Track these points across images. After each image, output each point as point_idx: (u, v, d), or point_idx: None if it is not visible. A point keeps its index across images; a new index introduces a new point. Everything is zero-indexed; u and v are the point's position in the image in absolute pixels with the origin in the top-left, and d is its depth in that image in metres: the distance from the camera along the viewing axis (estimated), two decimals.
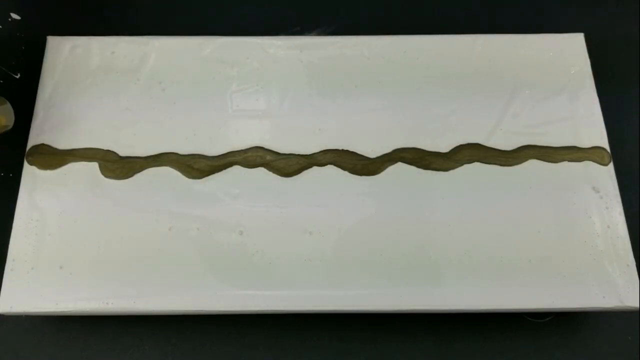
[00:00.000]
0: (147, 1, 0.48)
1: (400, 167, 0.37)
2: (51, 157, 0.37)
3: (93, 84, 0.39)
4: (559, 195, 0.36)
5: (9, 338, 0.37)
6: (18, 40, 0.45)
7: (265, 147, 0.37)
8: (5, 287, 0.34)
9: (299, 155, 0.37)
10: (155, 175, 0.37)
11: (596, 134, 0.38)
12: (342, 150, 0.37)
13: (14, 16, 0.46)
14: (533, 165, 0.37)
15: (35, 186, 0.36)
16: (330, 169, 0.37)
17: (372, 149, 0.37)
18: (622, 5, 0.49)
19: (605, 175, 0.37)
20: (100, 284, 0.34)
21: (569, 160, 0.37)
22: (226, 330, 0.37)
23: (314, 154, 0.37)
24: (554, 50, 0.41)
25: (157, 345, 0.37)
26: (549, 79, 0.40)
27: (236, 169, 0.37)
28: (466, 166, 0.37)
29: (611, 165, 0.37)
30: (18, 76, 0.44)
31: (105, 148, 0.37)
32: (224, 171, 0.37)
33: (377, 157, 0.37)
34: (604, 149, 0.38)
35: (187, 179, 0.36)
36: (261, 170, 0.37)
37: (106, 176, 0.36)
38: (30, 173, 0.36)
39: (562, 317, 0.38)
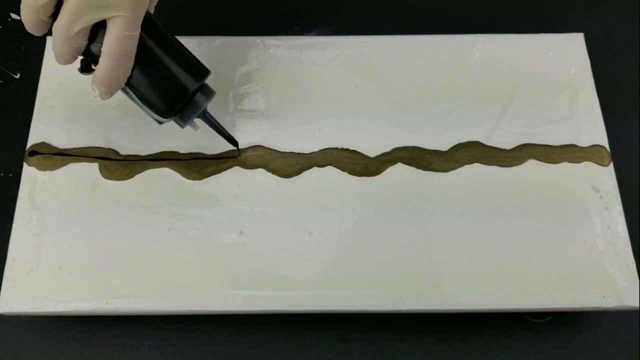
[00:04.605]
0: None
1: (400, 167, 0.37)
2: (51, 157, 0.37)
3: None
4: (558, 195, 0.36)
5: (9, 338, 0.37)
6: (18, 40, 0.45)
7: (265, 146, 0.37)
8: (5, 287, 0.34)
9: (298, 154, 0.37)
10: (155, 176, 0.37)
11: (596, 134, 0.38)
12: (342, 149, 0.37)
13: (14, 16, 0.46)
14: (533, 165, 0.37)
15: (35, 186, 0.36)
16: (330, 170, 0.37)
17: (371, 149, 0.37)
18: (622, 5, 0.49)
19: (605, 175, 0.37)
20: (100, 284, 0.34)
21: (568, 161, 0.37)
22: (226, 330, 0.37)
23: (314, 153, 0.37)
24: (554, 50, 0.41)
25: (157, 345, 0.37)
26: (549, 79, 0.40)
27: (236, 169, 0.37)
28: (466, 167, 0.37)
29: (611, 166, 0.37)
30: (18, 76, 0.44)
31: (106, 148, 0.37)
32: (224, 171, 0.37)
33: (377, 156, 0.37)
34: (604, 148, 0.38)
35: (187, 179, 0.36)
36: (261, 171, 0.37)
37: (106, 177, 0.36)
38: (29, 173, 0.36)
39: (562, 317, 0.38)
